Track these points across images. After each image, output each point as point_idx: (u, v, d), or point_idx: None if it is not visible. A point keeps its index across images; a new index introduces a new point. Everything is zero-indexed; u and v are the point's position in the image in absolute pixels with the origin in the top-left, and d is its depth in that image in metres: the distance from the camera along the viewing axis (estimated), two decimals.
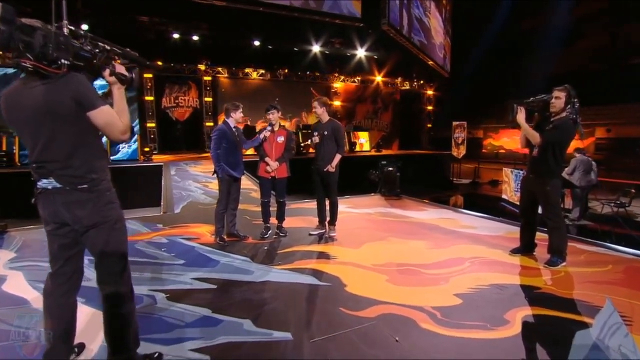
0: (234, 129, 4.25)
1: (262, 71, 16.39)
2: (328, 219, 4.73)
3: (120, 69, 1.98)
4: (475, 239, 4.48)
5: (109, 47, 1.97)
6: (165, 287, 3.11)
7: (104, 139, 2.03)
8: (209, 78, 16.40)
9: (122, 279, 2.02)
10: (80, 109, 1.78)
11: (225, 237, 4.38)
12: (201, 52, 14.76)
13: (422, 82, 19.45)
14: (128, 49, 2.14)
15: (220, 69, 16.04)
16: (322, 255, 3.88)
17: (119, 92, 1.97)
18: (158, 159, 11.97)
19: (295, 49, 14.39)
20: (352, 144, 14.75)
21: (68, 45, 1.73)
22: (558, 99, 3.38)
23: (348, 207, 6.21)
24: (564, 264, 3.50)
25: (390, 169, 7.34)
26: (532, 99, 3.59)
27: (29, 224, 4.92)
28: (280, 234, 4.60)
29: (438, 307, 2.72)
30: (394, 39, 13.73)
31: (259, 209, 4.73)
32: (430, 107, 19.65)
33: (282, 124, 4.66)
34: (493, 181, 13.00)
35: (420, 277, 3.31)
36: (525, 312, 2.68)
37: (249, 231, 4.65)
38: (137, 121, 15.24)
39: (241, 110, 4.30)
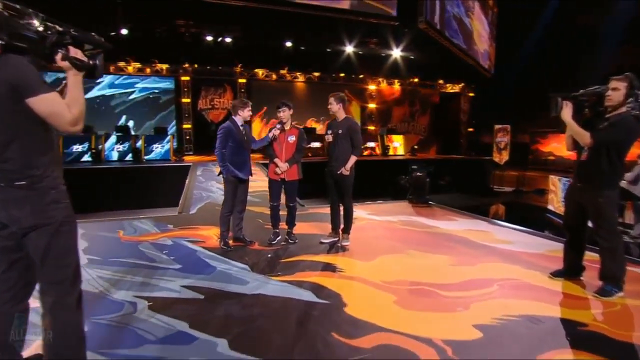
0: (241, 127, 3.99)
1: (297, 73, 16.27)
2: (342, 226, 4.33)
3: (76, 53, 1.75)
4: (509, 256, 3.87)
5: (61, 29, 1.74)
6: (151, 294, 2.89)
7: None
8: (244, 80, 16.58)
9: (68, 289, 1.76)
10: (17, 94, 1.56)
11: (230, 241, 4.13)
12: (235, 54, 14.91)
13: (462, 83, 18.40)
14: (93, 34, 1.91)
15: (254, 71, 16.12)
16: (328, 267, 3.49)
17: (73, 79, 1.73)
18: (190, 159, 12.15)
19: (328, 49, 14.10)
20: (386, 148, 14.18)
21: (1, 22, 1.52)
22: (616, 90, 2.76)
23: (369, 214, 5.76)
24: (620, 294, 2.85)
25: (419, 174, 6.78)
26: (581, 91, 2.98)
27: None
28: (290, 241, 4.27)
29: (450, 340, 2.23)
30: (432, 37, 13.03)
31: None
32: (471, 110, 18.51)
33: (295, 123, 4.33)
34: (539, 190, 11.84)
35: (435, 299, 2.83)
36: (565, 355, 2.13)
37: (260, 236, 4.37)
38: (173, 122, 15.78)
39: (250, 108, 4.04)
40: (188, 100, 15.87)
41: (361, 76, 16.68)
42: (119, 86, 15.09)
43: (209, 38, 12.89)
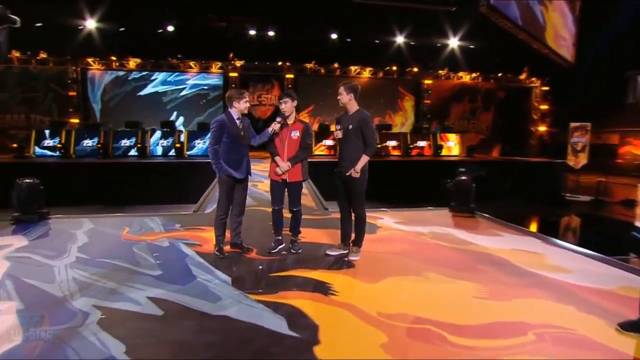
0: (237, 121, 3.63)
1: (347, 68, 15.73)
2: (353, 237, 3.78)
3: None
4: (562, 291, 3.02)
5: None
6: (111, 305, 2.63)
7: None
8: (291, 75, 16.46)
9: None
10: None
11: (227, 247, 3.80)
12: (282, 49, 14.80)
13: (533, 76, 16.41)
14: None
15: (302, 65, 15.91)
16: (321, 288, 2.98)
17: None
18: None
19: (378, 41, 13.35)
20: (438, 148, 13.08)
21: None
22: None
23: (397, 223, 5.10)
24: None
25: (464, 178, 5.91)
26: None
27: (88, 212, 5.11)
28: (292, 250, 3.82)
29: None
30: (495, 24, 11.71)
31: (306, 217, 4.07)
32: (543, 106, 16.44)
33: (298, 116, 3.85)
34: (627, 201, 10.02)
35: (438, 348, 2.18)
36: None
37: (264, 242, 3.96)
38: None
39: (246, 99, 3.65)
40: None
41: (415, 69, 15.63)
42: (171, 83, 15.83)
43: (255, 33, 12.87)
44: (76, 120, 14.53)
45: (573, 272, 3.42)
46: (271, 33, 12.66)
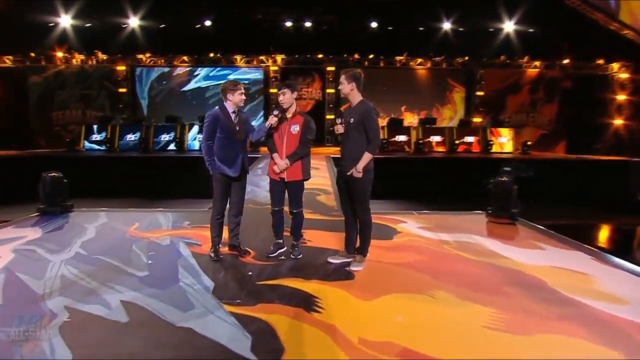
0: (232, 115, 3.42)
1: (391, 58, 15.08)
2: (358, 244, 3.44)
3: None
4: (608, 328, 2.43)
5: None
6: (82, 307, 2.57)
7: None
8: (333, 68, 16.14)
9: None
10: None
11: (226, 248, 3.65)
12: (322, 41, 14.55)
13: (609, 62, 14.49)
14: None
15: (343, 57, 15.53)
16: (307, 302, 2.68)
17: None
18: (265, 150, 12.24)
19: (421, 28, 12.55)
20: (488, 144, 12.05)
21: None
22: None
23: (420, 228, 4.63)
24: None
25: (504, 179, 5.24)
26: None
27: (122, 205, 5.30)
28: (292, 255, 3.56)
29: None
30: (563, 2, 10.45)
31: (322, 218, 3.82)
32: (621, 96, 14.47)
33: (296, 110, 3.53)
34: None
35: None
36: None
37: (268, 245, 3.74)
38: (262, 113, 16.32)
39: (241, 91, 3.43)
40: (275, 90, 16.23)
41: (465, 58, 14.55)
42: (213, 78, 16.26)
43: (292, 24, 12.71)
44: (125, 116, 15.48)
45: (630, 303, 2.77)
46: (308, 24, 12.39)
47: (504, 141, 12.29)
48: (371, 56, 14.95)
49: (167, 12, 12.47)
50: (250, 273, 3.18)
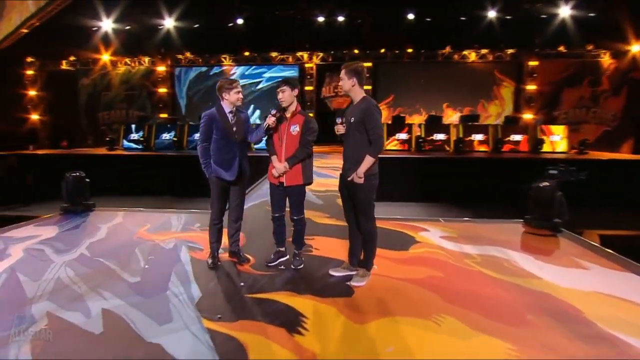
0: (229, 115, 3.28)
1: (431, 52, 14.42)
2: (362, 256, 3.16)
3: None
4: None
5: None
6: (63, 314, 2.55)
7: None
8: (369, 64, 15.73)
9: None
10: None
11: (226, 255, 3.53)
12: (358, 36, 14.22)
13: None
14: None
15: (379, 52, 15.10)
16: (291, 322, 2.45)
17: None
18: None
19: (463, 18, 11.79)
20: (538, 143, 11.07)
21: None
22: None
23: (444, 237, 4.23)
24: None
25: (545, 184, 4.67)
26: None
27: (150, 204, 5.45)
28: (292, 265, 3.36)
29: None
30: None
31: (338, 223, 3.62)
32: None
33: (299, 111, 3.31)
34: None
35: None
36: None
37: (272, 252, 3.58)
38: None
39: (238, 89, 3.27)
40: (310, 87, 16.12)
41: (512, 50, 13.52)
42: (248, 77, 16.49)
43: (328, 21, 12.48)
44: (165, 115, 16.15)
45: None
46: (341, 18, 12.10)
47: (556, 140, 11.24)
48: (410, 50, 14.37)
49: (202, 12, 12.74)
50: (242, 284, 3.02)
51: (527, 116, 14.02)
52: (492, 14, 11.65)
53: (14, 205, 8.57)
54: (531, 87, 14.28)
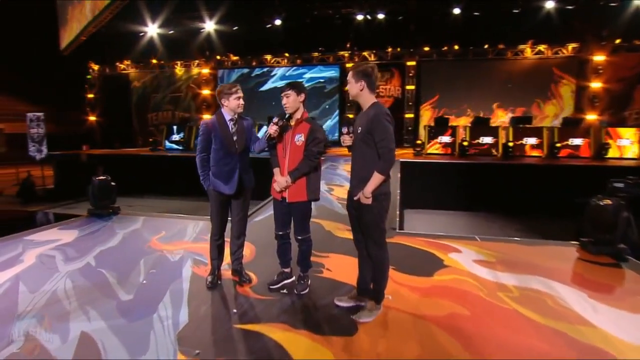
0: (229, 123, 2.99)
1: (481, 48, 13.40)
2: (372, 286, 2.73)
3: None
4: None
5: None
6: (40, 336, 2.39)
7: None
8: (413, 63, 15.00)
9: None
10: None
11: (223, 272, 3.27)
12: (401, 34, 13.55)
13: None
14: None
15: (423, 51, 14.31)
16: None
17: None
18: (335, 151, 11.74)
19: (516, 10, 10.73)
20: (603, 147, 9.79)
21: None
22: None
23: (477, 262, 3.65)
24: None
25: (608, 201, 3.91)
26: None
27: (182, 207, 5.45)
28: (295, 291, 3.00)
29: None
30: None
31: None
32: None
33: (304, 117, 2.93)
34: None
35: None
36: None
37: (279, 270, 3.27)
38: (336, 112, 15.92)
39: (238, 95, 2.97)
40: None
41: (575, 44, 12.14)
42: (289, 77, 16.39)
43: (368, 19, 11.95)
44: (208, 116, 16.50)
45: None
46: (381, 16, 11.52)
47: (625, 144, 9.85)
48: (456, 47, 13.44)
49: (243, 15, 12.78)
50: (234, 311, 2.71)
51: (590, 117, 12.55)
52: (550, 4, 10.47)
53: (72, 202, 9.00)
54: (596, 84, 12.76)
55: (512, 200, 8.62)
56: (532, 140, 10.35)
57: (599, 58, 12.58)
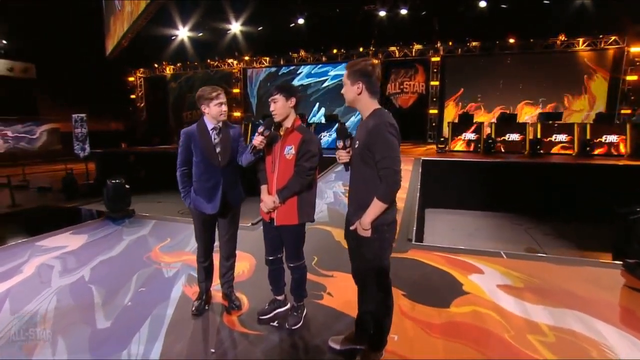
0: (211, 132, 2.45)
1: (507, 42, 12.18)
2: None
3: None
4: None
5: None
6: None
7: None
8: (437, 59, 13.93)
9: None
10: None
11: (213, 294, 2.78)
12: (425, 28, 12.53)
13: None
14: None
15: (449, 45, 13.23)
16: None
17: None
18: None
19: (546, 1, 9.46)
20: None
21: None
22: None
23: (501, 288, 2.95)
24: None
25: None
26: None
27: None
28: (287, 324, 2.44)
29: None
30: None
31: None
32: None
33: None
34: None
35: None
36: None
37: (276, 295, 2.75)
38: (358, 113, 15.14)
39: (219, 101, 2.41)
40: None
41: (612, 36, 10.67)
42: (314, 75, 15.76)
43: (390, 15, 11.04)
44: (238, 114, 16.23)
45: None
46: (404, 11, 10.57)
47: None
48: (475, 44, 12.26)
49: (267, 14, 12.22)
50: (212, 351, 2.20)
51: (626, 112, 11.09)
52: None
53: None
54: (631, 77, 11.25)
55: (540, 201, 7.65)
56: (562, 137, 9.19)
57: (637, 49, 11.04)
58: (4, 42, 15.34)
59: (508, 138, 9.76)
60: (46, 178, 11.71)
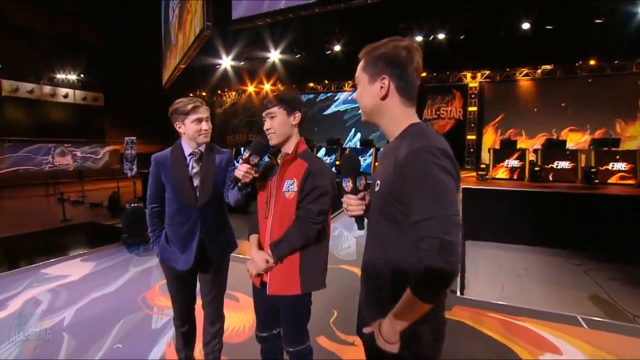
0: (188, 159, 1.72)
1: (551, 67, 10.84)
2: None
3: None
4: None
5: None
6: None
7: None
8: (475, 84, 12.79)
9: None
10: None
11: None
12: (462, 53, 11.50)
13: None
14: None
15: (485, 71, 12.09)
16: None
17: None
18: None
19: (599, 20, 8.10)
20: None
21: None
22: None
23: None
24: None
25: None
26: None
27: None
28: None
29: None
30: None
31: None
32: None
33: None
34: None
35: None
36: None
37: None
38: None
39: (197, 116, 1.69)
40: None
41: None
42: (351, 102, 15.15)
43: (427, 40, 10.20)
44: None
45: None
46: (441, 36, 9.67)
47: None
48: (519, 71, 10.98)
49: (305, 43, 11.89)
50: None
51: None
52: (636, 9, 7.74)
53: None
54: None
55: (599, 237, 6.18)
56: (622, 166, 7.61)
57: None
58: (82, 75, 16.42)
59: (557, 166, 8.31)
60: (100, 194, 11.91)
